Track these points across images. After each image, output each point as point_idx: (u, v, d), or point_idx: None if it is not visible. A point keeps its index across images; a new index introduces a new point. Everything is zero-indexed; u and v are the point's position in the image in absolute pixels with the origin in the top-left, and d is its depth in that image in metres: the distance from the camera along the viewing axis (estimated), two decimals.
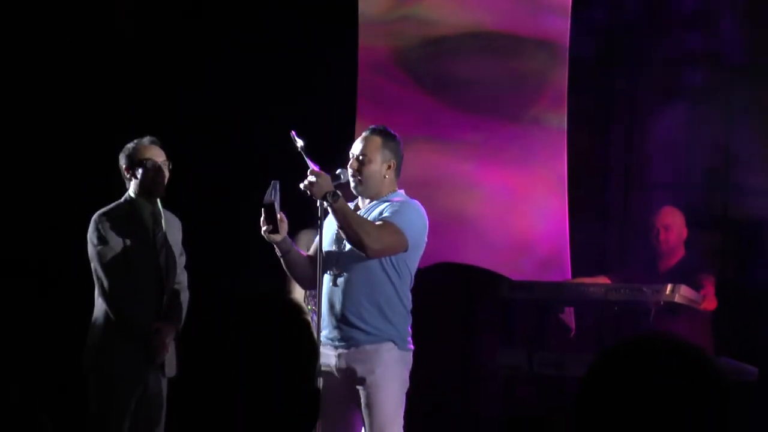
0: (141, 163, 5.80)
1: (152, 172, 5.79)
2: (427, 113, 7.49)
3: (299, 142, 5.13)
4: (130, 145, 5.86)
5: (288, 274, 5.33)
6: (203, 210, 7.14)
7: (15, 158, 7.65)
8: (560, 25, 7.25)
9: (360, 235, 5.04)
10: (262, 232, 5.12)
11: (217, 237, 7.24)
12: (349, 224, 5.05)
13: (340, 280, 5.17)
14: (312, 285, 5.33)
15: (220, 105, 7.71)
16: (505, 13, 7.39)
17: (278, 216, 5.08)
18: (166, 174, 5.83)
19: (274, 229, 5.09)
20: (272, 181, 5.10)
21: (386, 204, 5.21)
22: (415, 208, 5.23)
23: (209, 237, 6.91)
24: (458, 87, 7.47)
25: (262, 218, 5.10)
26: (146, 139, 5.85)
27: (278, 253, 5.21)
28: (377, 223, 5.11)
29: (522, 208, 7.35)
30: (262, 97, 7.71)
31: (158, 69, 7.85)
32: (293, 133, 5.13)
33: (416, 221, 5.20)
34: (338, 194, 5.02)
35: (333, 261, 5.20)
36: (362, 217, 5.14)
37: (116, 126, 7.44)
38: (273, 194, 5.08)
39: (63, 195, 7.50)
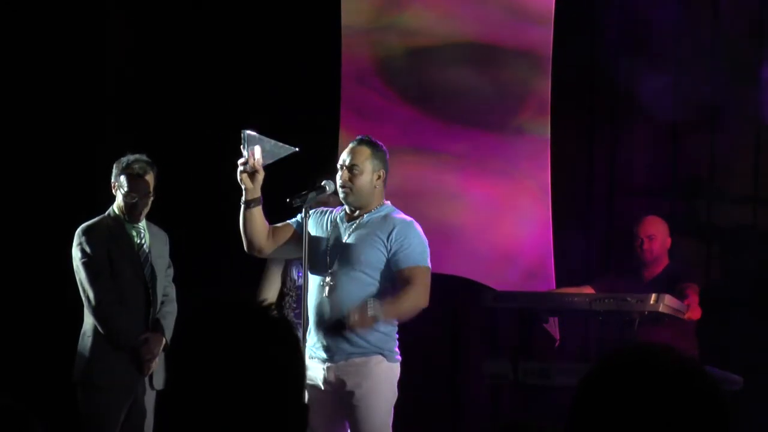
0: (121, 189, 5.78)
1: (128, 205, 5.77)
2: (410, 124, 7.47)
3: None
4: (122, 160, 5.81)
5: (241, 227, 5.18)
6: (186, 221, 7.12)
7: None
8: (543, 35, 7.25)
9: (417, 309, 5.14)
10: (239, 171, 5.04)
11: (198, 247, 7.21)
12: (404, 314, 5.14)
13: (329, 293, 5.15)
14: (256, 251, 5.23)
15: (202, 116, 7.70)
16: (488, 23, 7.39)
17: (256, 158, 4.99)
18: (148, 200, 5.79)
19: (250, 169, 5.02)
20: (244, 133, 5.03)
21: (392, 227, 5.17)
22: (419, 232, 5.21)
23: (191, 248, 6.88)
24: (441, 97, 7.46)
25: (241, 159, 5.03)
26: (136, 165, 5.77)
27: (242, 201, 5.13)
28: (410, 290, 5.07)
29: (506, 217, 7.35)
30: (245, 107, 7.68)
31: (142, 78, 7.84)
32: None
33: (425, 246, 5.21)
34: (381, 312, 4.99)
35: (321, 274, 5.19)
36: (405, 295, 5.08)
37: (98, 136, 7.44)
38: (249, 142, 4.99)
39: (51, 204, 7.47)
